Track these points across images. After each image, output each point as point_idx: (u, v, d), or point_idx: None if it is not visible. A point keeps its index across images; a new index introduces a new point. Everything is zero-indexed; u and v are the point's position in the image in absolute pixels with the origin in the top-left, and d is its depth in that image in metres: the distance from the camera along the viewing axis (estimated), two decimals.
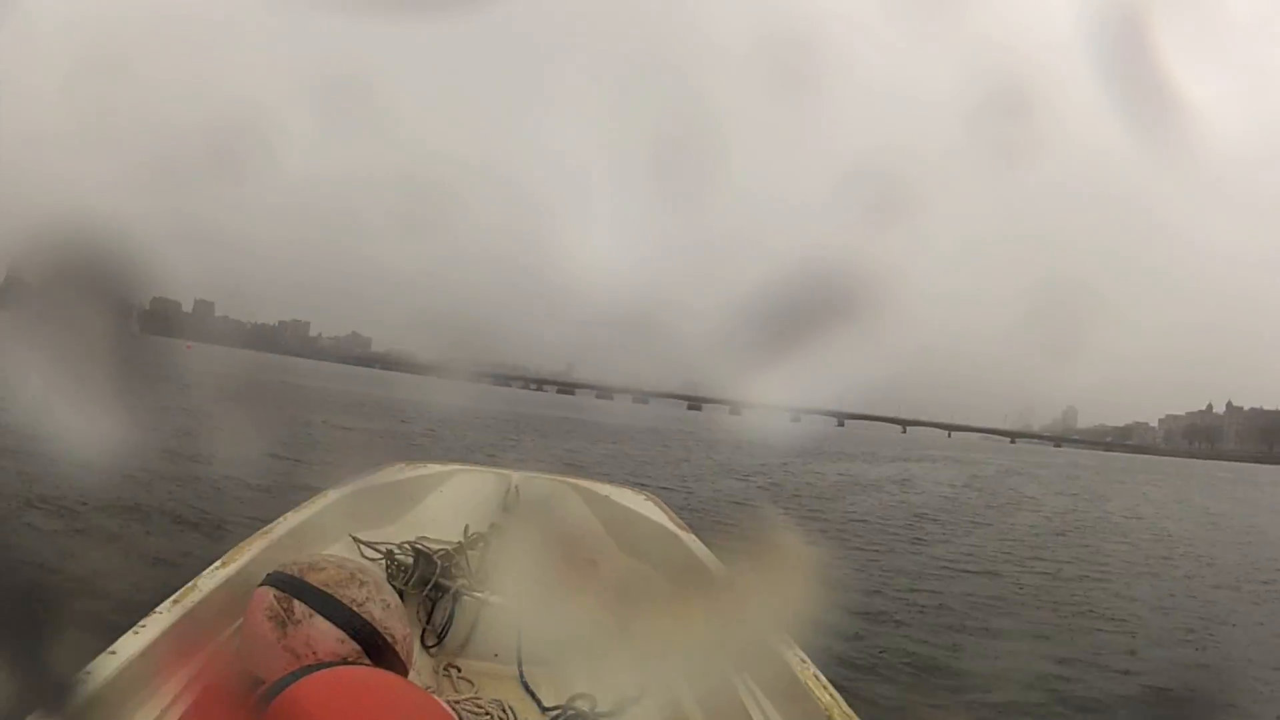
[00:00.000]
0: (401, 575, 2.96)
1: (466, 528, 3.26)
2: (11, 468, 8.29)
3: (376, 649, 2.07)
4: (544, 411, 46.62)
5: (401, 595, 2.50)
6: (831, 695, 2.04)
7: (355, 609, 2.07)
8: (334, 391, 33.82)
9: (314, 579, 2.10)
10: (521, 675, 2.65)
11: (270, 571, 2.21)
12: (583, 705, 2.45)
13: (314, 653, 1.98)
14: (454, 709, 2.04)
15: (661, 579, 3.17)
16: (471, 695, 2.42)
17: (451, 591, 2.87)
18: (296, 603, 2.06)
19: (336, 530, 3.15)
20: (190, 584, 2.32)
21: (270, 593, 2.11)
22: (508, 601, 2.84)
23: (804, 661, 2.22)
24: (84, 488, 7.47)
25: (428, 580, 2.92)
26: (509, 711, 2.33)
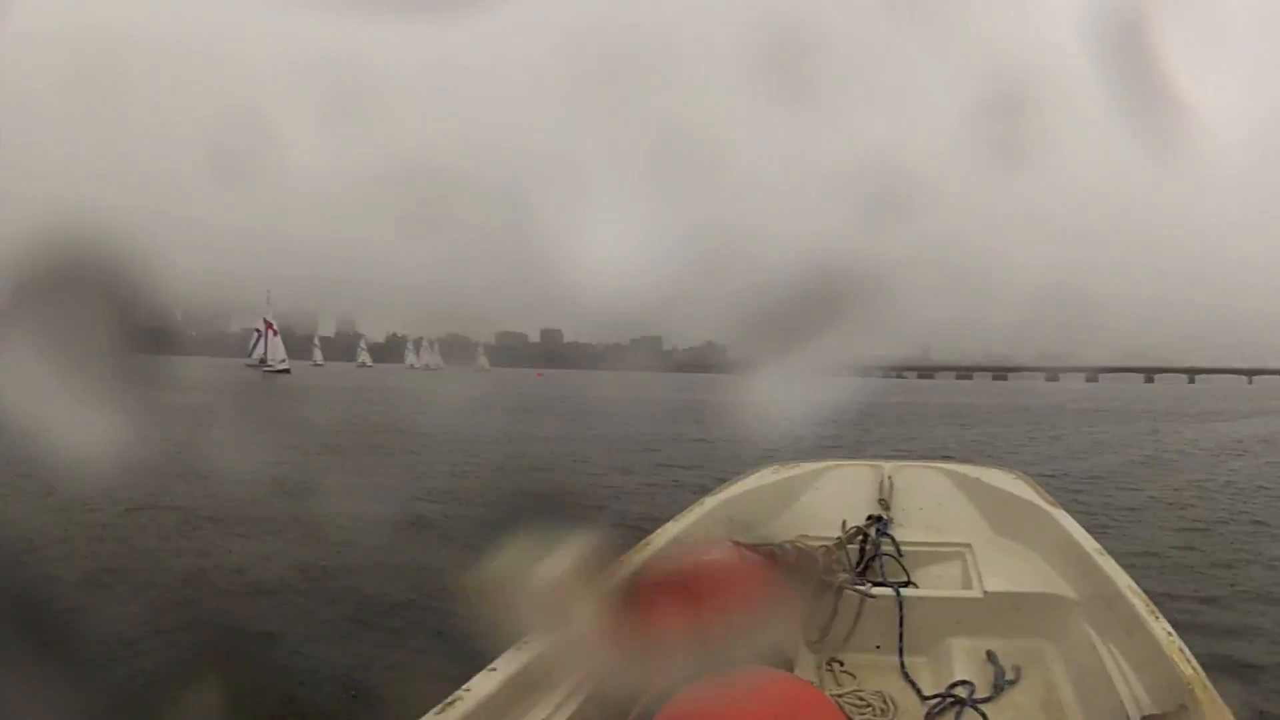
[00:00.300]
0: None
1: (844, 522, 3.30)
2: None
3: (764, 649, 2.07)
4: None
5: None
6: (1194, 669, 1.98)
7: None
8: (687, 402, 35.00)
9: None
10: (903, 665, 2.64)
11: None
12: (961, 692, 2.42)
13: None
14: (837, 702, 2.11)
15: (1036, 558, 3.10)
16: (854, 688, 2.47)
17: (834, 587, 2.87)
18: None
19: (716, 535, 3.23)
20: None
21: None
22: (888, 592, 2.84)
23: (1170, 634, 2.16)
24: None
25: (810, 578, 2.88)
26: (889, 703, 2.38)
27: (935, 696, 2.44)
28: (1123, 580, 2.57)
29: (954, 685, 2.45)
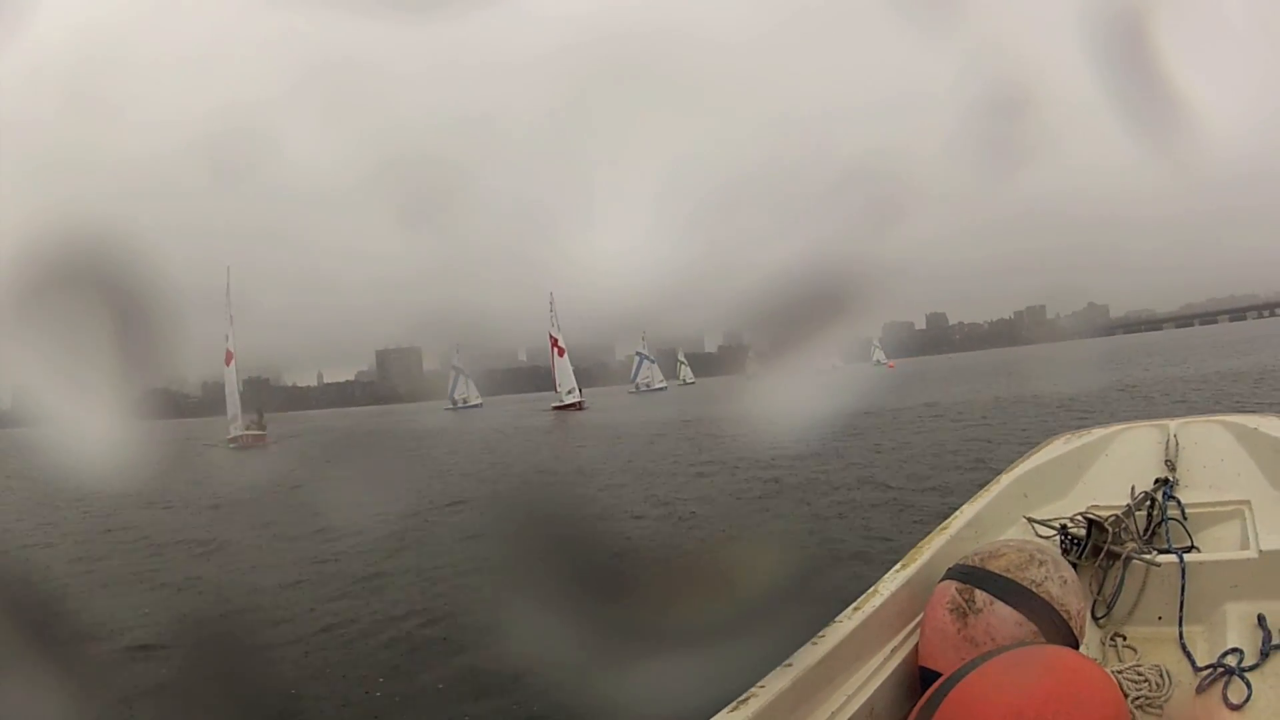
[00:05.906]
0: (1075, 549, 2.94)
1: (1133, 488, 3.24)
2: None
3: (1053, 627, 2.19)
4: None
5: (1075, 568, 2.59)
6: None
7: (1034, 589, 2.21)
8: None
9: (994, 566, 2.26)
10: (1181, 636, 2.55)
11: (952, 565, 2.39)
12: (1231, 660, 2.28)
13: (992, 639, 2.13)
14: (1117, 679, 2.12)
15: None
16: (1133, 663, 2.41)
17: (1121, 557, 2.81)
18: (978, 592, 2.22)
19: (1012, 514, 3.36)
20: (870, 589, 2.46)
21: (952, 586, 2.28)
22: (1172, 559, 2.74)
23: None
24: None
25: (1100, 549, 2.88)
26: (1165, 676, 2.30)
27: (1207, 667, 2.29)
28: None
29: (1225, 654, 2.30)
